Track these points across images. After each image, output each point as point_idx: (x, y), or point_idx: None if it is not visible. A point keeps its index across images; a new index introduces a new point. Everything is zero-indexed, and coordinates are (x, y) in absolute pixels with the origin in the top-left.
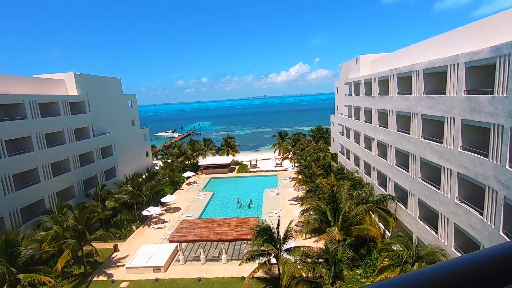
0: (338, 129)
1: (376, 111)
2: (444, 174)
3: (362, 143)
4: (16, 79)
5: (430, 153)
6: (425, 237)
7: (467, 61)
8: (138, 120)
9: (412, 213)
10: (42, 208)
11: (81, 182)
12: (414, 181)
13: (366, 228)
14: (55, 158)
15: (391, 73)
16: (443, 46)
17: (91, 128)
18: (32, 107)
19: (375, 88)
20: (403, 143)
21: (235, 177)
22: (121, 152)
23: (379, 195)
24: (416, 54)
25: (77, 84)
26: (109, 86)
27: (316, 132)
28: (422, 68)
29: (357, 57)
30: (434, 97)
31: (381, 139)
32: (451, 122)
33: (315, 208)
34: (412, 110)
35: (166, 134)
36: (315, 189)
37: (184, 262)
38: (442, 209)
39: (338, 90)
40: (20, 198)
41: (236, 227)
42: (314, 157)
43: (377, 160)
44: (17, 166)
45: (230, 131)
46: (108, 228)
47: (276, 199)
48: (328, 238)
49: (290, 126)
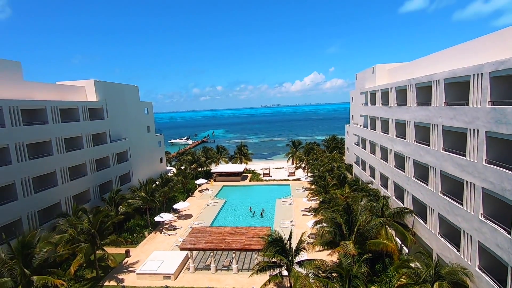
0: (353, 139)
1: (393, 121)
2: (467, 188)
3: (378, 154)
4: (39, 85)
5: (451, 166)
6: (446, 254)
7: (492, 71)
8: (153, 127)
9: (432, 229)
10: (59, 211)
11: (96, 187)
12: (434, 195)
13: (382, 242)
14: (73, 162)
15: (410, 83)
16: (465, 56)
17: (108, 134)
18: (53, 112)
19: (392, 97)
20: (422, 155)
21: (247, 186)
22: (136, 158)
23: (396, 208)
24: (435, 63)
25: (97, 91)
26: (127, 93)
27: (330, 142)
28: (443, 77)
29: (374, 67)
30: (456, 107)
31: (399, 150)
32: (474, 134)
33: (329, 220)
34: (432, 121)
35: (180, 141)
36: (329, 200)
37: (194, 271)
38: (465, 225)
39: (353, 99)
40: (38, 201)
41: (247, 236)
42: (328, 167)
43: (394, 171)
44: (37, 169)
45: (243, 139)
46: (121, 233)
47: (288, 209)
48: (342, 252)
49: (304, 135)
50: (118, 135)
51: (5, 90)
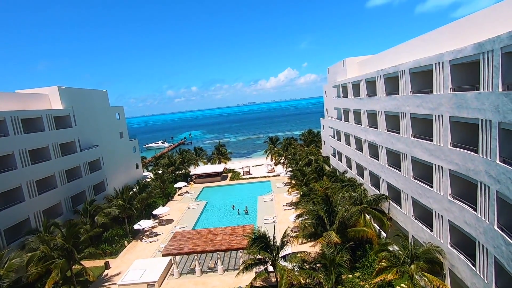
0: (328, 132)
1: (365, 112)
2: (435, 171)
3: (353, 144)
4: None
5: (420, 151)
6: (420, 235)
7: (452, 59)
8: (126, 132)
9: (407, 212)
10: (28, 227)
11: (68, 199)
12: (407, 180)
13: (362, 229)
14: (40, 175)
15: (378, 74)
16: (428, 45)
17: (78, 142)
18: (14, 123)
19: (363, 89)
20: (394, 143)
21: (228, 185)
22: (110, 166)
23: (372, 196)
24: (401, 54)
25: (62, 98)
26: (95, 99)
27: (307, 136)
28: (408, 67)
29: (344, 60)
30: (422, 95)
31: (372, 139)
32: (439, 120)
33: (310, 212)
34: (401, 110)
35: (156, 145)
36: (309, 193)
37: (179, 276)
38: (436, 206)
39: (326, 93)
40: (4, 219)
41: (231, 236)
42: (306, 161)
43: (368, 160)
44: (0, 185)
45: (221, 139)
46: (99, 244)
47: (270, 205)
48: (325, 242)
49: (281, 131)
50: (89, 143)
51: None
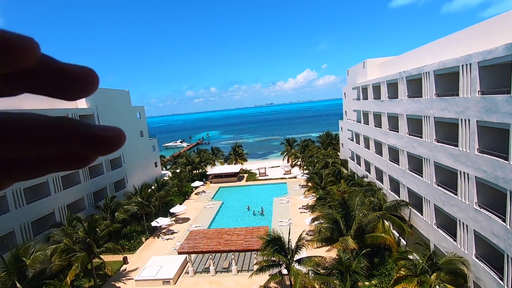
0: (347, 134)
1: (386, 115)
2: (460, 178)
3: (372, 148)
4: (27, 94)
5: (444, 157)
6: (443, 245)
7: (481, 60)
8: (146, 131)
9: (428, 220)
10: (52, 221)
11: (90, 194)
12: (429, 186)
13: (380, 236)
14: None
15: (400, 76)
16: (454, 46)
17: None
18: None
19: (383, 91)
20: (416, 147)
21: (244, 186)
22: (130, 164)
23: (392, 201)
24: (425, 55)
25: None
26: (118, 99)
27: (324, 138)
28: (433, 69)
29: (364, 61)
30: (447, 98)
31: (392, 143)
32: (466, 124)
33: (326, 216)
34: (424, 113)
35: (174, 144)
36: (325, 196)
37: (194, 274)
38: (461, 215)
39: (345, 95)
40: (31, 211)
41: (245, 237)
42: (322, 164)
43: (388, 165)
44: (28, 180)
45: (238, 139)
46: (118, 240)
47: (286, 207)
48: (341, 247)
49: (298, 133)
50: None
51: None
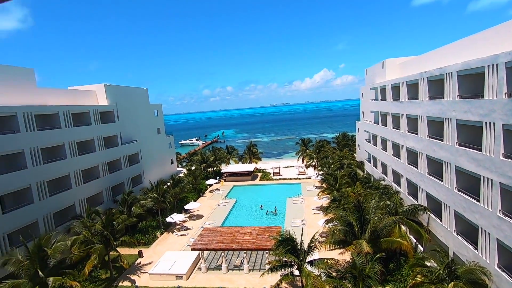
0: (364, 136)
1: (405, 116)
2: (484, 184)
3: (390, 150)
4: (52, 91)
5: (467, 161)
6: (463, 253)
7: (508, 61)
8: (163, 129)
9: (448, 226)
10: (73, 213)
11: (109, 189)
12: (449, 191)
13: (396, 240)
14: (86, 165)
15: (421, 76)
16: (480, 46)
17: (119, 137)
18: (65, 117)
19: (403, 92)
20: (436, 150)
21: (257, 185)
22: (147, 160)
23: (409, 206)
24: (448, 55)
25: (107, 94)
26: (137, 96)
27: (340, 139)
28: (456, 70)
29: (384, 61)
30: (471, 100)
31: (411, 146)
32: (490, 127)
33: (340, 218)
34: (445, 115)
35: (190, 142)
36: (340, 198)
37: (206, 271)
38: (483, 222)
39: (363, 95)
40: (54, 204)
41: (258, 236)
42: (338, 165)
43: (407, 168)
44: (51, 173)
45: (253, 138)
46: (134, 233)
47: (299, 208)
48: (355, 251)
49: (314, 133)
50: (129, 137)
51: (19, 96)
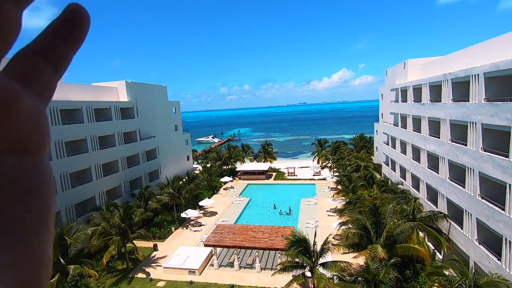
0: (382, 138)
1: (426, 119)
2: (510, 192)
3: (409, 153)
4: (76, 87)
5: (492, 168)
6: (484, 263)
7: None
8: (180, 126)
9: (469, 235)
10: (93, 205)
11: (127, 183)
12: (472, 198)
13: (413, 247)
14: (106, 159)
15: (445, 78)
16: (509, 47)
17: (138, 132)
18: (88, 112)
19: (425, 94)
20: (458, 155)
21: (272, 184)
22: (164, 156)
23: (428, 212)
24: (474, 56)
25: (128, 91)
26: (156, 93)
27: (358, 141)
28: (483, 71)
29: (405, 62)
30: (498, 104)
31: (432, 150)
32: None
33: (355, 221)
34: (470, 119)
35: (206, 139)
36: (355, 201)
37: (218, 267)
38: (507, 232)
39: (383, 96)
40: (75, 195)
41: (270, 235)
42: (354, 167)
43: (426, 173)
44: (74, 166)
45: (268, 137)
46: (150, 227)
47: (313, 209)
48: (369, 255)
49: (331, 134)
50: (147, 133)
51: None
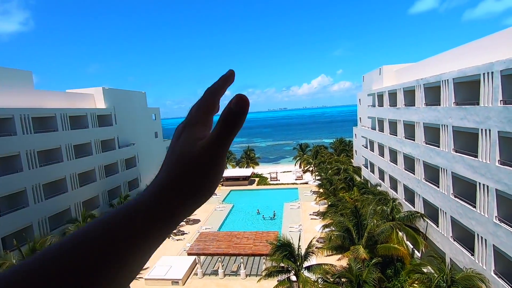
0: (361, 141)
1: (402, 123)
2: (480, 190)
3: (387, 156)
4: (50, 93)
5: (463, 168)
6: (459, 259)
7: (503, 69)
8: (161, 132)
9: (444, 232)
10: (68, 217)
11: (105, 192)
12: (446, 197)
13: (393, 247)
14: (82, 169)
15: (418, 83)
16: (475, 54)
17: (117, 140)
18: (63, 120)
19: (400, 99)
20: (432, 157)
21: (255, 190)
22: (144, 164)
23: (406, 212)
24: (444, 63)
25: (105, 98)
26: (134, 100)
27: (338, 145)
28: (452, 77)
29: (380, 68)
30: (466, 107)
31: (408, 152)
32: (486, 134)
33: (338, 224)
34: (442, 122)
35: None
36: (337, 203)
37: (202, 276)
38: (479, 229)
39: (360, 101)
40: (49, 207)
41: (255, 241)
42: (335, 170)
43: (403, 174)
44: (48, 176)
45: (250, 143)
46: None
47: (296, 213)
48: (352, 256)
49: (311, 138)
50: (126, 141)
51: (17, 98)
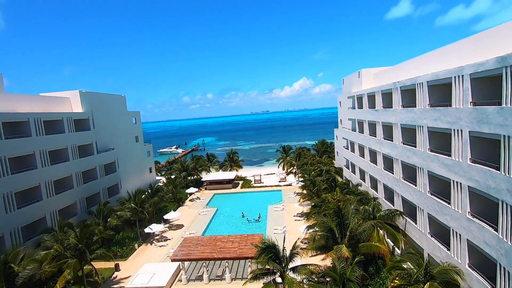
0: (342, 143)
1: (381, 124)
2: (454, 188)
3: (367, 156)
4: (22, 97)
5: (438, 166)
6: (437, 254)
7: (472, 72)
8: (142, 137)
9: (422, 229)
10: (44, 226)
11: (83, 200)
12: (423, 195)
13: (375, 245)
14: (58, 175)
15: (395, 86)
16: (447, 58)
17: (95, 145)
18: (36, 125)
19: (378, 101)
20: (410, 156)
21: (239, 193)
22: (124, 169)
23: (386, 211)
24: (419, 66)
25: (82, 101)
26: (114, 103)
27: (320, 146)
28: (426, 80)
29: (359, 71)
30: (440, 109)
31: (387, 152)
32: (458, 134)
33: (321, 224)
34: (418, 123)
35: (169, 150)
36: (320, 204)
37: (187, 282)
38: (454, 224)
39: (341, 104)
40: (22, 217)
41: (240, 244)
42: (317, 171)
43: (383, 173)
44: (20, 184)
45: (233, 146)
46: (110, 246)
47: (280, 215)
48: (336, 256)
49: (294, 140)
50: (105, 146)
51: None
